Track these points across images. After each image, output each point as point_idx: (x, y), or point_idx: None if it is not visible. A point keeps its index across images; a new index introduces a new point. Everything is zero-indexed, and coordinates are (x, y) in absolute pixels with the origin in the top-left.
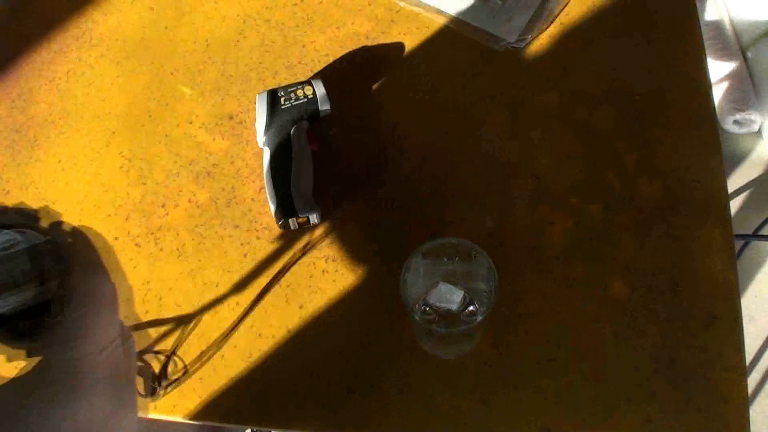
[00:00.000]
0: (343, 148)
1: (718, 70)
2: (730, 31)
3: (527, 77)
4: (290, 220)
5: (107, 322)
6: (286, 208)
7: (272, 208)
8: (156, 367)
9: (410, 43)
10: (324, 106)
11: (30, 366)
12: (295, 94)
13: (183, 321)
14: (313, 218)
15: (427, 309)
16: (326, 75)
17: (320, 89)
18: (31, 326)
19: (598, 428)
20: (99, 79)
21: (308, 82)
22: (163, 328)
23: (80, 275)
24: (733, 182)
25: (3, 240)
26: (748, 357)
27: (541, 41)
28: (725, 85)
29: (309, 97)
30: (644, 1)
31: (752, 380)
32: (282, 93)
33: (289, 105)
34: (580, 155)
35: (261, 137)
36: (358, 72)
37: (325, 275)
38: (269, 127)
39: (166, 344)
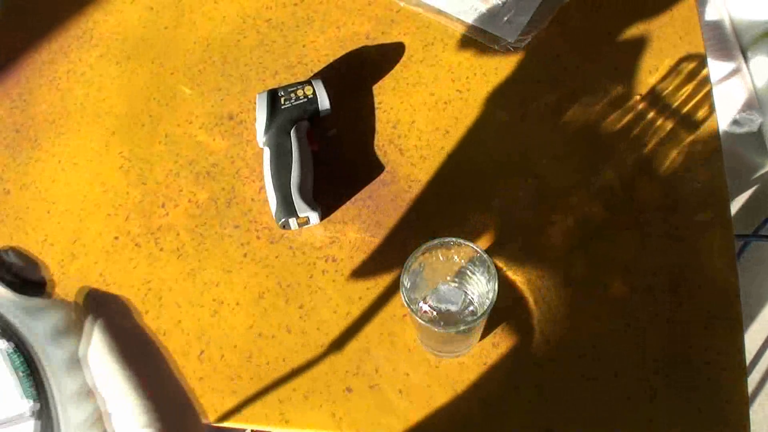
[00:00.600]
0: (343, 148)
1: (718, 70)
2: (730, 31)
3: (527, 77)
4: (290, 220)
5: None
6: (286, 208)
7: (272, 208)
8: None
9: (410, 43)
10: (324, 106)
11: None
12: (295, 94)
13: None
14: (313, 218)
15: (428, 309)
16: (326, 75)
17: (320, 89)
18: None
19: (598, 428)
20: (99, 79)
21: (308, 82)
22: None
23: None
24: (733, 182)
25: None
26: (748, 357)
27: (541, 41)
28: (725, 85)
29: (309, 97)
30: (644, 1)
31: (752, 380)
32: (282, 93)
33: (289, 105)
34: (580, 155)
35: (261, 137)
36: (358, 72)
37: (325, 275)
38: (269, 127)
39: None
